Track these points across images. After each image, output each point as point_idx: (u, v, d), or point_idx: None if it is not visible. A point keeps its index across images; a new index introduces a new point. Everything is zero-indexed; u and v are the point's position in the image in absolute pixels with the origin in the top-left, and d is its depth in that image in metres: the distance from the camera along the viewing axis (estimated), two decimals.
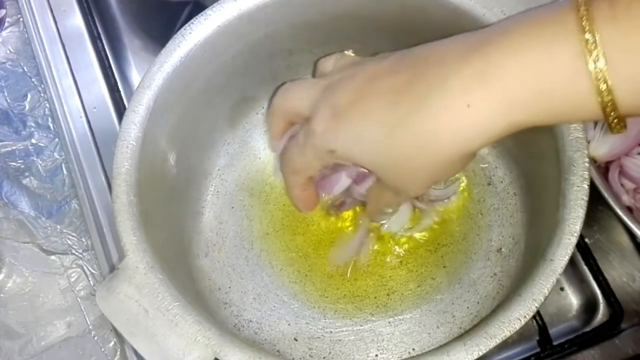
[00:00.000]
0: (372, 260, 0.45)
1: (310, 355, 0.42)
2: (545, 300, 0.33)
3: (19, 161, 0.54)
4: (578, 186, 0.35)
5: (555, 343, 0.46)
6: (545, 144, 0.38)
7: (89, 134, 0.52)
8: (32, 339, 0.49)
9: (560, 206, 0.35)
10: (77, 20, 0.56)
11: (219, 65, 0.42)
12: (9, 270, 0.50)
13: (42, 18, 0.56)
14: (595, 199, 0.39)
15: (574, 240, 0.34)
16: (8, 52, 0.57)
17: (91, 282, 0.50)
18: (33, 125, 0.55)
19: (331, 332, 0.43)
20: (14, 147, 0.54)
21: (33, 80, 0.56)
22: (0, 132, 0.55)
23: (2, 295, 0.50)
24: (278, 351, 0.42)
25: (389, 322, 0.43)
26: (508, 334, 0.32)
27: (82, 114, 0.53)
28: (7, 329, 0.49)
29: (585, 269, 0.48)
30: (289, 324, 0.44)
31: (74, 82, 0.54)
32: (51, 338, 0.49)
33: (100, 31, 0.56)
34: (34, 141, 0.54)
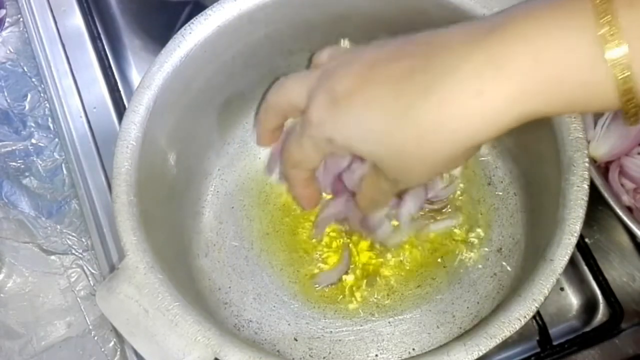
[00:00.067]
0: (372, 261, 0.45)
1: (310, 355, 0.42)
2: (545, 300, 0.33)
3: (19, 161, 0.54)
4: (578, 186, 0.35)
5: (555, 343, 0.46)
6: (545, 144, 0.38)
7: (89, 134, 0.52)
8: (32, 339, 0.49)
9: (560, 206, 0.35)
10: (77, 20, 0.56)
11: (219, 65, 0.42)
12: (9, 270, 0.50)
13: (42, 18, 0.56)
14: (595, 199, 0.39)
15: (574, 240, 0.34)
16: (8, 52, 0.57)
17: (91, 282, 0.50)
18: (33, 125, 0.55)
19: (331, 332, 0.43)
20: (14, 147, 0.54)
21: (33, 80, 0.56)
22: (0, 132, 0.55)
23: (2, 295, 0.50)
24: (278, 351, 0.42)
25: (389, 322, 0.43)
26: (508, 334, 0.32)
27: (82, 114, 0.53)
28: (7, 329, 0.49)
29: (585, 269, 0.48)
30: (289, 324, 0.44)
31: (74, 82, 0.54)
32: (51, 338, 0.49)
33: (100, 31, 0.56)
34: (34, 141, 0.54)
